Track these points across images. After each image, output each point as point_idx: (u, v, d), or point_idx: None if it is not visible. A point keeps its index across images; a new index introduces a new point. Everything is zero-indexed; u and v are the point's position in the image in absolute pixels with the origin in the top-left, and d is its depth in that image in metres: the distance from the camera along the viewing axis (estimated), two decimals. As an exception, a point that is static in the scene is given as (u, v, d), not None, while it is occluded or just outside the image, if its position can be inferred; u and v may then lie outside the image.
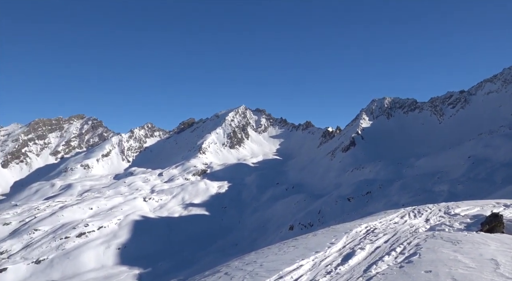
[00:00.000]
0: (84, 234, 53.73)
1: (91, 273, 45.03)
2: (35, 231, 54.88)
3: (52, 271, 45.36)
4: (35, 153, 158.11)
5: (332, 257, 10.14)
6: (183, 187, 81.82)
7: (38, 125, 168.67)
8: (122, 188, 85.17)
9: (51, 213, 62.59)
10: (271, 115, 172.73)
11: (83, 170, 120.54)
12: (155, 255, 51.05)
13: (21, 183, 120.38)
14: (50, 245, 50.57)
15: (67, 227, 55.85)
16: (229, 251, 49.69)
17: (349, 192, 56.38)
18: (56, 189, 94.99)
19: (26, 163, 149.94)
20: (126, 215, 62.19)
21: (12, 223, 58.53)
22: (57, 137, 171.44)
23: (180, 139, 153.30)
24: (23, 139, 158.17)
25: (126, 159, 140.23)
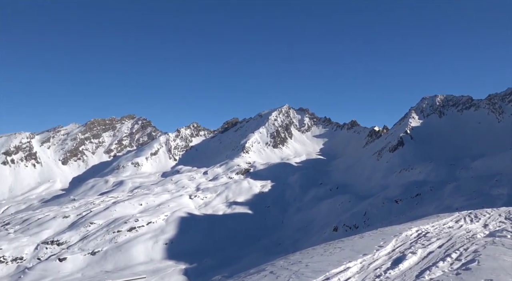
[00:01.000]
0: (135, 229, 56.44)
1: (141, 266, 47.17)
2: (90, 224, 58.56)
3: (106, 263, 48.13)
4: (91, 151, 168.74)
5: (381, 261, 9.77)
6: (227, 186, 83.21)
7: (94, 125, 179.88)
8: (169, 186, 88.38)
9: (104, 208, 66.48)
10: (314, 114, 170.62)
11: (134, 167, 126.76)
12: (200, 251, 52.38)
13: (78, 179, 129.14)
14: (104, 238, 53.67)
15: (119, 221, 58.99)
16: (272, 250, 49.75)
17: (397, 194, 54.15)
18: (109, 185, 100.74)
19: (83, 161, 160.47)
20: (173, 212, 64.43)
21: (70, 216, 62.94)
22: (110, 136, 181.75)
23: (224, 138, 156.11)
24: (80, 138, 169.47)
25: (173, 157, 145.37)
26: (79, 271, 46.25)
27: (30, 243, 52.93)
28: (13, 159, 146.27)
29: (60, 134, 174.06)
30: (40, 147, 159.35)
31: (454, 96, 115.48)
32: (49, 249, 51.56)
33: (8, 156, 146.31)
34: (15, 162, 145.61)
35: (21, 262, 48.98)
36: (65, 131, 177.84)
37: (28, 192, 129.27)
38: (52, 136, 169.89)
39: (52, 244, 52.80)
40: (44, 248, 51.70)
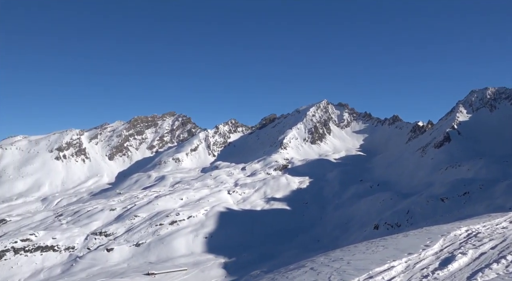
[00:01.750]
0: (176, 222, 58.24)
1: (182, 258, 48.63)
2: (135, 217, 61.22)
3: (149, 254, 50.14)
4: (135, 147, 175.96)
5: (427, 261, 9.34)
6: (265, 182, 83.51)
7: (137, 122, 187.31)
8: (209, 181, 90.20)
9: (148, 202, 69.19)
10: (354, 109, 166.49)
11: (174, 163, 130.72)
12: (239, 246, 53.05)
13: (123, 174, 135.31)
14: (147, 231, 55.90)
15: (161, 215, 61.17)
16: (311, 247, 49.32)
17: (443, 191, 51.59)
18: (152, 180, 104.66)
19: (127, 156, 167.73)
20: (212, 207, 65.72)
21: (117, 209, 66.15)
22: (152, 133, 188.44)
23: (262, 134, 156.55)
24: (125, 135, 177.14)
25: (212, 153, 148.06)
26: (125, 261, 48.52)
27: (80, 233, 56.30)
28: (65, 154, 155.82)
29: (107, 131, 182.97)
30: (88, 143, 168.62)
31: (506, 88, 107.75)
32: (98, 240, 54.55)
33: (60, 151, 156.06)
34: (67, 158, 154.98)
35: (73, 251, 52.21)
36: (111, 128, 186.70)
37: (78, 186, 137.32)
38: (100, 133, 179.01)
39: (100, 235, 55.79)
40: (93, 239, 54.78)
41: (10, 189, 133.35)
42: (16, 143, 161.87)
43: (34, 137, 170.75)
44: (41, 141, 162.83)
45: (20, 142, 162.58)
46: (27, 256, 49.83)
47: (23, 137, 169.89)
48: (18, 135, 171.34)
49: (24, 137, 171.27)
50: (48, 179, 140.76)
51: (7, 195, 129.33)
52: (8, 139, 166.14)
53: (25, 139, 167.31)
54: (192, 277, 40.79)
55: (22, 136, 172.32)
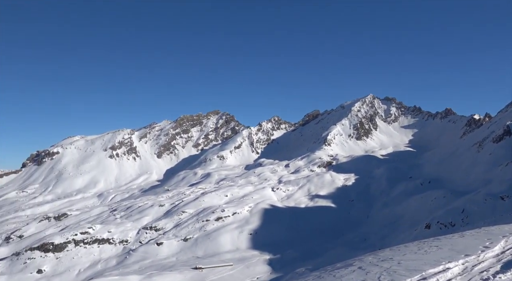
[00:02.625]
0: (221, 219, 59.43)
1: (228, 254, 49.55)
2: (182, 213, 63.32)
3: (196, 249, 51.65)
4: (181, 145, 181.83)
5: (487, 263, 8.69)
6: (309, 179, 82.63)
7: (183, 121, 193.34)
8: (252, 178, 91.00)
9: (194, 198, 71.26)
10: (402, 103, 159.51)
11: (219, 160, 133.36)
12: (283, 243, 53.03)
13: (171, 171, 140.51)
14: (194, 226, 57.58)
15: (207, 211, 62.73)
16: (357, 246, 48.08)
17: (503, 189, 47.91)
18: (198, 177, 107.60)
19: (174, 154, 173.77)
20: (257, 203, 66.22)
21: (165, 205, 68.84)
22: (197, 131, 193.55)
23: (305, 131, 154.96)
24: (172, 134, 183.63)
25: (255, 150, 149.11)
26: (174, 255, 50.39)
27: (133, 228, 59.31)
28: (118, 153, 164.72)
29: (155, 130, 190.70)
30: (139, 142, 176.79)
31: None
32: (149, 234, 57.16)
33: (113, 150, 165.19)
34: (119, 156, 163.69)
35: (126, 244, 55.15)
36: (159, 127, 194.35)
37: (130, 182, 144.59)
38: (148, 132, 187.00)
39: (151, 229, 58.40)
40: (144, 233, 57.49)
41: (70, 186, 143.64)
42: (75, 142, 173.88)
43: (90, 137, 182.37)
44: (96, 140, 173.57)
45: (78, 142, 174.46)
46: (86, 248, 53.39)
47: (81, 137, 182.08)
48: (76, 136, 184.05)
49: (82, 137, 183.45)
50: (103, 176, 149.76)
51: (67, 191, 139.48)
52: (68, 139, 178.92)
53: (82, 139, 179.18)
54: (238, 272, 41.43)
55: (79, 136, 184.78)
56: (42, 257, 50.78)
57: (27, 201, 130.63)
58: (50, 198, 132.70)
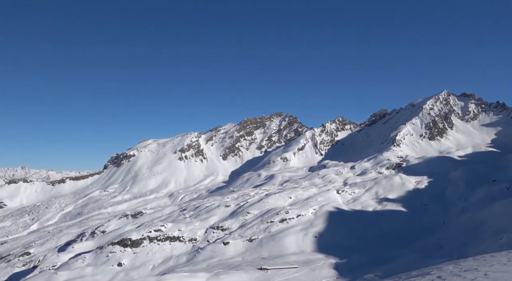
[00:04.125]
0: (285, 220, 59.31)
1: (292, 256, 49.24)
2: (247, 214, 64.44)
3: (261, 250, 52.15)
4: (245, 147, 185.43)
5: None
6: (376, 181, 79.00)
7: (247, 123, 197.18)
8: (316, 180, 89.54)
9: (258, 200, 72.12)
10: (482, 99, 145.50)
11: (282, 162, 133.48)
12: (349, 247, 51.27)
13: (236, 173, 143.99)
14: (259, 227, 58.24)
15: (271, 212, 63.06)
16: (432, 253, 44.69)
17: None
18: (262, 179, 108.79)
19: (239, 156, 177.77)
20: (321, 206, 64.96)
21: (231, 206, 70.67)
22: (261, 133, 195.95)
23: (372, 131, 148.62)
24: (236, 136, 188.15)
25: (319, 152, 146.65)
26: (239, 255, 51.44)
27: (201, 227, 61.83)
28: (186, 155, 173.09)
29: (220, 133, 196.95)
30: (205, 145, 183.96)
31: None
32: (216, 234, 59.11)
33: (182, 153, 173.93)
34: (188, 158, 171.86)
35: (195, 243, 57.63)
36: (224, 130, 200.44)
37: (198, 183, 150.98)
38: (214, 135, 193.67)
39: (218, 229, 60.33)
40: (211, 232, 59.59)
41: (144, 186, 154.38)
42: (148, 146, 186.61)
43: (162, 140, 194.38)
44: (167, 143, 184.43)
45: (151, 145, 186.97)
46: (159, 245, 56.87)
47: (153, 141, 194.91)
48: (149, 139, 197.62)
49: (154, 140, 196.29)
50: (173, 177, 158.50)
51: (142, 191, 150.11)
52: (142, 143, 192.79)
53: (155, 142, 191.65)
54: (303, 275, 40.93)
55: (152, 140, 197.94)
56: (122, 252, 55.15)
57: (108, 199, 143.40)
58: (127, 197, 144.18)
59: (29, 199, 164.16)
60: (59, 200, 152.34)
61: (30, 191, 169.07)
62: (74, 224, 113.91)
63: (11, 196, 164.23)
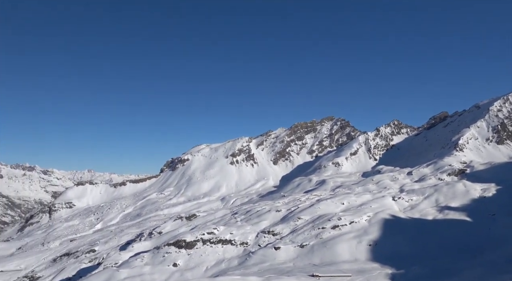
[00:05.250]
0: (338, 227, 57.84)
1: (345, 264, 47.81)
2: (298, 219, 63.84)
3: (313, 256, 51.31)
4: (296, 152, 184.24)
5: None
6: (436, 188, 74.27)
7: (297, 128, 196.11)
8: (370, 186, 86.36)
9: (309, 205, 71.15)
10: None
11: (334, 167, 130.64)
12: (407, 257, 48.63)
13: (287, 178, 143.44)
14: (310, 233, 57.40)
15: (323, 218, 61.86)
16: (504, 268, 40.85)
17: None
18: (313, 184, 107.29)
19: (289, 161, 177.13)
20: (376, 213, 62.47)
21: (281, 211, 70.49)
22: (312, 138, 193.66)
23: (431, 135, 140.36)
24: (287, 141, 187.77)
25: (373, 157, 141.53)
26: (291, 261, 51.07)
27: (252, 231, 62.36)
28: (237, 160, 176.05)
29: (271, 138, 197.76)
30: (256, 149, 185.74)
31: None
32: (266, 238, 59.26)
33: (234, 157, 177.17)
34: (239, 162, 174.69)
35: (246, 246, 58.22)
36: (274, 135, 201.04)
37: (249, 188, 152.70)
38: (265, 140, 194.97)
39: (268, 233, 60.44)
40: (263, 237, 59.83)
41: (198, 189, 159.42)
42: (201, 150, 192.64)
43: (214, 145, 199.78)
44: (219, 148, 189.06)
45: (204, 150, 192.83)
46: (212, 247, 58.30)
47: (206, 146, 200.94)
48: (202, 144, 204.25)
49: (207, 145, 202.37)
50: (225, 181, 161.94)
51: (196, 194, 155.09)
52: (195, 148, 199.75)
53: (207, 147, 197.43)
54: (357, 284, 39.57)
55: (205, 144, 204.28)
56: (177, 253, 57.35)
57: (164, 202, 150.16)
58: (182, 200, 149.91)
59: (94, 200, 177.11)
60: (120, 201, 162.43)
61: (95, 193, 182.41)
62: (133, 225, 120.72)
63: (79, 197, 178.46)
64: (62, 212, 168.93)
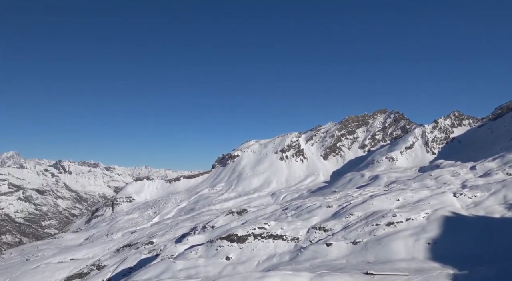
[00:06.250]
0: (393, 224, 55.48)
1: (402, 262, 45.78)
2: (350, 215, 62.24)
3: (367, 253, 49.78)
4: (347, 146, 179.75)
5: None
6: (504, 184, 68.25)
7: (348, 122, 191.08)
8: (428, 181, 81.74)
9: (362, 201, 69.03)
10: None
11: (388, 162, 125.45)
12: (471, 258, 45.35)
13: (337, 173, 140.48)
14: (363, 230, 55.70)
15: (376, 215, 59.70)
16: None
17: None
18: (365, 179, 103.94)
19: (340, 156, 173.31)
20: (435, 210, 58.96)
21: (333, 207, 69.18)
22: (363, 132, 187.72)
23: (497, 126, 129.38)
24: (337, 135, 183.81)
25: (431, 151, 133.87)
26: (343, 258, 50.01)
27: (303, 226, 61.96)
28: (287, 155, 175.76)
29: (320, 133, 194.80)
30: (305, 145, 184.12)
31: None
32: (318, 234, 58.55)
33: (283, 153, 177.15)
34: (288, 158, 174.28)
35: (297, 242, 58.01)
36: (324, 129, 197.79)
37: (299, 183, 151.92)
38: (314, 135, 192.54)
39: (320, 229, 59.67)
40: (313, 232, 59.21)
41: (248, 185, 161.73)
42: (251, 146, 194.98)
43: (263, 140, 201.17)
44: (268, 144, 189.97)
45: (253, 146, 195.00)
46: (263, 242, 58.89)
47: (255, 141, 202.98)
48: (251, 140, 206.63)
49: (256, 141, 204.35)
50: (275, 177, 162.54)
51: (246, 190, 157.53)
52: (245, 144, 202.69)
53: (257, 143, 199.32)
54: (415, 284, 37.70)
55: (254, 140, 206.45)
56: (229, 246, 58.70)
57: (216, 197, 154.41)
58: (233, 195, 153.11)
59: (151, 195, 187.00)
60: (175, 196, 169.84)
61: (152, 188, 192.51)
62: (188, 219, 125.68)
63: (137, 191, 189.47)
64: (123, 206, 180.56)
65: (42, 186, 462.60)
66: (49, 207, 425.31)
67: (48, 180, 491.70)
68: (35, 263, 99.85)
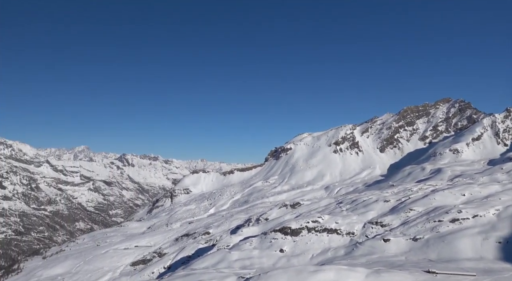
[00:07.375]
0: (458, 220, 51.89)
1: (468, 262, 42.72)
2: (410, 211, 59.29)
3: (428, 251, 47.19)
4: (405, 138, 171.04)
5: None
6: None
7: (407, 112, 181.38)
8: (499, 175, 75.07)
9: (423, 196, 65.36)
10: None
11: (452, 154, 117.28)
12: (551, 260, 41.02)
13: (395, 166, 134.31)
14: (424, 226, 52.81)
15: (439, 210, 56.21)
16: None
17: None
18: (427, 173, 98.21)
19: (398, 148, 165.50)
20: (507, 206, 54.04)
21: (390, 201, 66.38)
22: (424, 123, 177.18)
23: None
24: (394, 127, 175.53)
25: (502, 142, 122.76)
26: (402, 254, 47.90)
27: (358, 221, 60.31)
28: (341, 148, 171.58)
29: (376, 124, 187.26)
30: (360, 137, 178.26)
31: None
32: (374, 229, 56.65)
33: (337, 145, 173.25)
34: (343, 151, 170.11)
35: (353, 237, 56.64)
36: (380, 121, 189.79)
37: (353, 177, 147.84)
38: (370, 127, 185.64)
39: (376, 224, 57.67)
40: (370, 227, 57.38)
41: (301, 178, 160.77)
42: (304, 139, 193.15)
43: (316, 133, 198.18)
44: (321, 137, 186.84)
45: (306, 139, 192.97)
46: (317, 235, 58.35)
47: (308, 134, 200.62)
48: (304, 133, 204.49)
49: (309, 134, 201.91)
50: (328, 170, 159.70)
51: (299, 183, 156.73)
52: (298, 136, 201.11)
53: (310, 136, 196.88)
54: (483, 286, 35.00)
55: (307, 133, 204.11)
56: (283, 239, 58.99)
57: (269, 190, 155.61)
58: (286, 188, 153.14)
59: (207, 187, 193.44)
60: (230, 188, 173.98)
61: (207, 180, 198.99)
62: (242, 211, 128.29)
63: (194, 184, 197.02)
64: (181, 197, 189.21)
65: (109, 178, 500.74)
66: (115, 198, 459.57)
67: (114, 172, 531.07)
68: (104, 249, 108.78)
